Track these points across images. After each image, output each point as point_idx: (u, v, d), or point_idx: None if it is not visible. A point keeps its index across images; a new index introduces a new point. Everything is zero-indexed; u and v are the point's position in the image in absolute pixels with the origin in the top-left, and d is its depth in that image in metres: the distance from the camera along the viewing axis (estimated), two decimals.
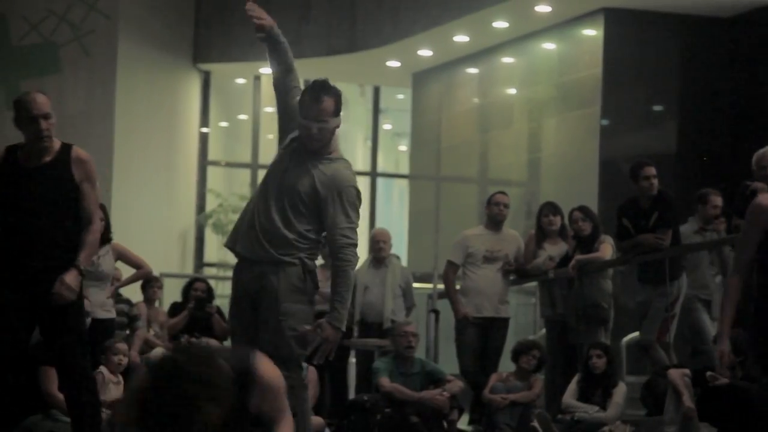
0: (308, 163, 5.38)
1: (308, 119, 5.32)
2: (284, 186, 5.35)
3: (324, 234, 5.39)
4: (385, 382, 8.59)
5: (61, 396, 7.17)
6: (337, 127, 5.40)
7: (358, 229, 5.44)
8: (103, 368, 7.77)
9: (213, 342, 10.34)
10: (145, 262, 8.91)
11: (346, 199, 5.32)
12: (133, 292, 10.56)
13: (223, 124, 17.45)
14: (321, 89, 5.38)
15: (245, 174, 16.71)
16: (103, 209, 8.65)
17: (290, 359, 5.19)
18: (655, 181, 8.85)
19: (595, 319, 9.10)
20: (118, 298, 10.04)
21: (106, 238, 8.61)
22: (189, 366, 3.01)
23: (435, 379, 8.74)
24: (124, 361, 7.87)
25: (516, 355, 8.91)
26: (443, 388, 8.62)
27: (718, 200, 9.23)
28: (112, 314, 8.60)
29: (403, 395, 8.54)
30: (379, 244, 9.97)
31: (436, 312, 10.19)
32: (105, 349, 7.89)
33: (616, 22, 13.17)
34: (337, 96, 5.39)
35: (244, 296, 5.37)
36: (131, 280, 9.16)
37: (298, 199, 5.33)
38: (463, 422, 9.18)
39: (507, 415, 8.61)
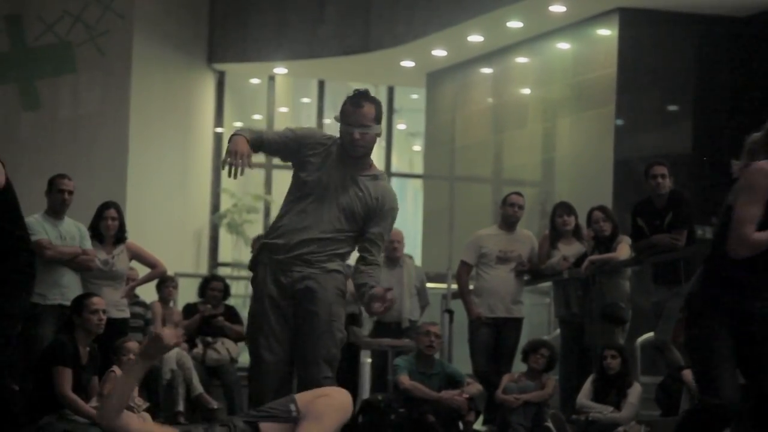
0: (352, 177, 5.52)
1: (350, 125, 5.49)
2: (335, 197, 5.50)
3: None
4: (404, 379, 8.60)
5: (74, 396, 7.21)
6: (379, 135, 5.60)
7: None
8: (115, 367, 7.79)
9: (229, 344, 10.35)
10: (160, 261, 8.91)
11: (391, 221, 5.60)
12: (149, 292, 10.58)
13: (238, 124, 17.46)
14: (361, 96, 5.59)
15: (259, 174, 16.73)
16: (117, 209, 8.67)
17: (335, 360, 5.45)
18: (663, 181, 8.82)
19: (614, 319, 9.08)
20: (134, 299, 10.07)
21: (120, 237, 8.63)
22: None
23: (454, 381, 8.74)
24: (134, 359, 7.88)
25: (525, 355, 8.91)
26: (462, 389, 8.62)
27: None
28: (126, 314, 8.60)
29: (422, 393, 8.53)
30: (393, 244, 9.95)
31: (450, 312, 10.18)
32: (116, 349, 7.92)
33: (631, 21, 13.13)
34: (377, 104, 5.60)
35: (284, 299, 5.47)
36: (146, 280, 9.17)
37: (348, 211, 5.50)
38: (477, 422, 9.17)
39: (521, 415, 8.60)
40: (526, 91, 14.86)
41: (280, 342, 5.46)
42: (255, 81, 17.13)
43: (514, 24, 13.89)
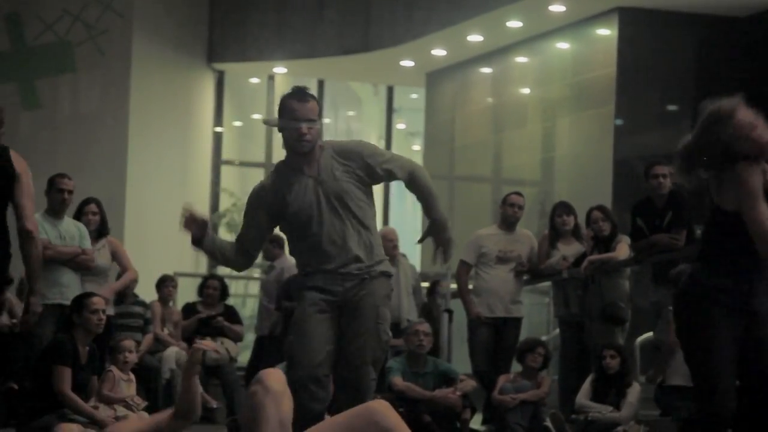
0: (318, 176, 5.47)
1: (297, 119, 5.42)
2: (326, 205, 5.46)
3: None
4: (398, 381, 8.60)
5: (73, 395, 7.21)
6: (320, 130, 5.55)
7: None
8: (113, 367, 7.80)
9: (229, 343, 10.35)
10: (132, 267, 8.84)
11: (377, 150, 5.57)
12: (148, 292, 10.59)
13: (237, 123, 17.47)
14: (305, 93, 5.54)
15: (259, 173, 16.74)
16: (98, 204, 8.69)
17: (380, 361, 5.50)
18: (665, 180, 8.82)
19: (613, 319, 9.08)
20: (135, 299, 10.08)
21: (102, 232, 8.63)
22: None
23: (448, 379, 8.74)
24: (130, 357, 7.89)
25: (521, 355, 8.91)
26: (455, 387, 8.63)
27: None
28: (111, 311, 8.58)
29: (416, 394, 8.54)
30: (393, 242, 9.95)
31: (450, 312, 10.18)
32: (112, 348, 7.92)
33: (630, 21, 13.14)
34: (318, 100, 5.57)
35: (331, 305, 5.46)
36: (117, 288, 9.02)
37: (346, 196, 5.47)
38: (476, 422, 9.18)
39: (518, 415, 8.60)
40: (526, 90, 14.86)
41: (319, 350, 5.42)
42: (254, 80, 17.13)
43: (514, 24, 13.89)
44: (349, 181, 5.47)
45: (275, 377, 3.99)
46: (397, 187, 18.19)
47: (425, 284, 10.82)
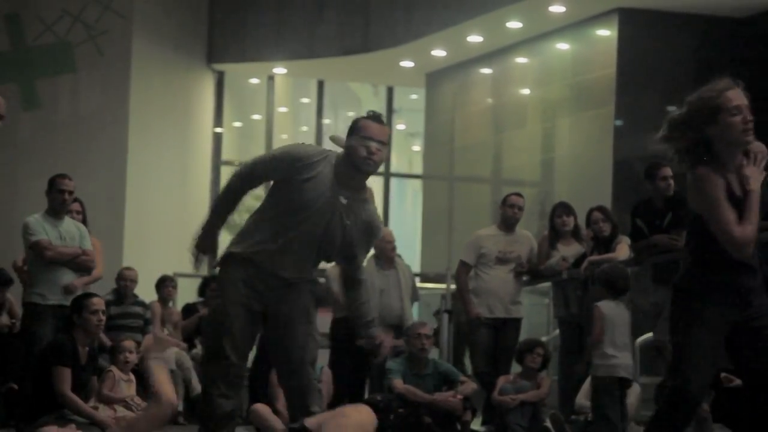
0: (343, 205, 5.45)
1: (369, 138, 5.40)
2: (319, 231, 5.46)
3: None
4: (398, 383, 8.59)
5: (73, 396, 7.21)
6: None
7: None
8: (113, 367, 7.81)
9: None
10: (100, 267, 8.87)
11: (372, 243, 5.68)
12: (148, 292, 10.59)
13: (237, 124, 17.47)
14: (379, 116, 5.55)
15: None
16: (81, 204, 8.71)
17: (316, 362, 5.55)
18: (672, 182, 8.84)
19: None
20: (134, 299, 10.10)
21: None
22: None
23: (448, 380, 8.74)
24: (131, 358, 7.89)
25: (521, 355, 8.90)
26: (456, 391, 8.62)
27: None
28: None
29: (416, 397, 8.53)
30: (392, 244, 9.95)
31: (450, 312, 10.18)
32: (112, 349, 7.92)
33: (630, 22, 13.14)
34: (388, 128, 5.61)
35: (257, 302, 5.45)
36: (82, 283, 9.04)
37: (329, 242, 5.49)
38: (476, 423, 9.17)
39: (518, 416, 8.60)
40: (526, 91, 14.86)
41: (245, 345, 5.49)
42: (254, 81, 17.14)
43: (514, 24, 13.90)
44: (339, 239, 5.52)
45: (370, 418, 4.09)
46: (397, 187, 18.19)
47: (430, 285, 10.81)
